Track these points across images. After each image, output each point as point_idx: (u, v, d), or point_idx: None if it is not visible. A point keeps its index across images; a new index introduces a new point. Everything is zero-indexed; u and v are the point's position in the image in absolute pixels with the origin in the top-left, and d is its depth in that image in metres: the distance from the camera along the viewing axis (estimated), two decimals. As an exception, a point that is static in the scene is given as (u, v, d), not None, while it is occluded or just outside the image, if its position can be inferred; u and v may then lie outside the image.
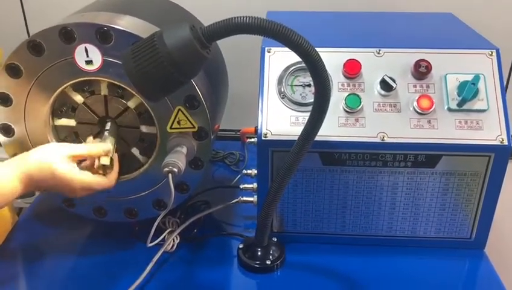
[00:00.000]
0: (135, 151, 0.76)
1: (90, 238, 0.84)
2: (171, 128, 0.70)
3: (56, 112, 0.75)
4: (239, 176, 0.92)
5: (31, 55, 0.68)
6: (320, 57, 0.58)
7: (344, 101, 0.72)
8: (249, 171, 0.84)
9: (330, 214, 0.77)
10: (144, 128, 0.74)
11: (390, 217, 0.77)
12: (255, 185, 0.82)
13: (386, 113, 0.72)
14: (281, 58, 0.75)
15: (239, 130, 1.12)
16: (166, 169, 0.65)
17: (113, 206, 0.78)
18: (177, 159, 0.66)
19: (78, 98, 0.74)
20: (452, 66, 0.73)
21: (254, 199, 0.81)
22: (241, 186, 0.83)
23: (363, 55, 0.74)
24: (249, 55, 0.93)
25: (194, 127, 0.70)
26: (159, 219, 0.70)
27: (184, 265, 0.77)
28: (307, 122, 0.63)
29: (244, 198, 0.82)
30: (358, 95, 0.72)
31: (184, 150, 0.69)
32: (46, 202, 0.81)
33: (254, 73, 0.95)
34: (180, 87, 0.60)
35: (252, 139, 0.88)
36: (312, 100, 0.71)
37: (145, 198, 0.76)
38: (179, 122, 0.70)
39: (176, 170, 0.65)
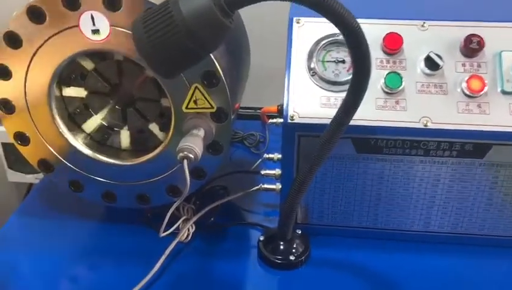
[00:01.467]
0: (154, 127, 0.69)
1: (99, 224, 0.78)
2: (187, 108, 0.63)
3: (64, 80, 0.68)
4: (260, 160, 0.85)
5: (31, 23, 0.61)
6: (361, 30, 0.49)
7: (383, 80, 0.63)
8: (270, 156, 0.77)
9: (362, 206, 0.70)
10: (164, 102, 0.67)
11: (428, 211, 0.69)
12: (277, 171, 0.74)
13: (431, 95, 0.63)
14: (311, 30, 0.67)
15: (259, 108, 1.04)
16: (181, 155, 0.58)
17: (123, 191, 0.71)
18: (193, 144, 0.59)
19: (88, 64, 0.67)
20: (508, 42, 0.64)
21: (277, 186, 0.73)
22: (263, 172, 0.75)
23: (405, 28, 0.65)
24: (272, 23, 0.84)
25: (212, 108, 0.62)
26: (172, 209, 0.63)
27: (199, 257, 0.71)
28: (341, 104, 0.55)
29: (266, 185, 0.75)
30: (399, 74, 0.63)
31: (201, 132, 0.62)
32: (52, 183, 0.75)
33: (277, 45, 0.86)
34: (197, 62, 0.52)
35: (275, 120, 0.81)
36: (346, 78, 0.64)
37: (159, 183, 0.69)
38: (195, 102, 0.62)
39: (191, 156, 0.58)
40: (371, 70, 0.53)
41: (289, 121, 0.64)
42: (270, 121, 0.81)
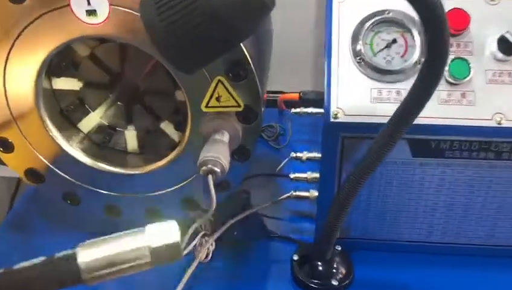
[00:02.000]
0: (167, 126, 0.58)
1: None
2: (207, 106, 0.51)
3: (53, 70, 0.56)
4: (286, 160, 0.73)
5: (7, 2, 0.48)
6: (442, 5, 0.38)
7: (447, 68, 0.52)
8: (298, 155, 0.65)
9: (415, 217, 0.59)
10: (180, 96, 0.55)
11: (494, 222, 0.58)
12: (309, 173, 0.63)
13: (504, 86, 0.52)
14: (355, 6, 0.55)
15: (275, 92, 0.92)
16: (204, 168, 0.46)
17: (129, 204, 0.60)
18: (219, 154, 0.47)
19: (82, 49, 0.55)
20: None
21: (311, 193, 0.62)
22: (292, 175, 0.64)
23: (472, 3, 0.53)
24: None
25: (239, 106, 0.51)
26: (190, 231, 0.52)
27: (221, 279, 0.60)
28: (406, 99, 0.45)
29: (298, 193, 0.63)
30: (466, 60, 0.52)
31: (226, 137, 0.50)
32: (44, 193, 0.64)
33: (298, 17, 0.74)
34: (226, 53, 0.40)
35: (298, 110, 0.70)
36: (401, 66, 0.52)
37: (172, 195, 0.58)
38: (218, 99, 0.50)
39: (217, 169, 0.46)
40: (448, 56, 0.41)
41: (332, 119, 0.52)
42: (293, 111, 0.70)
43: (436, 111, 0.52)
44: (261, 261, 0.62)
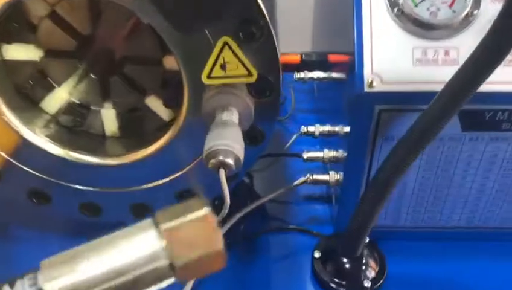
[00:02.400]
0: (153, 102, 0.47)
1: (78, 239, 0.55)
2: (209, 77, 0.39)
3: (3, 35, 0.44)
4: (295, 136, 0.62)
5: None
6: None
7: (508, 20, 0.41)
8: (310, 129, 0.55)
9: (456, 202, 0.50)
10: (169, 63, 0.44)
11: (548, 203, 0.50)
12: (326, 152, 0.53)
13: None
14: None
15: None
16: (213, 161, 0.35)
17: (111, 200, 0.48)
18: (230, 140, 0.36)
19: (39, 7, 0.43)
20: None
21: (331, 177, 0.52)
22: (305, 155, 0.54)
23: None
24: None
25: (250, 75, 0.39)
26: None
27: (229, 283, 0.50)
28: (470, 60, 0.34)
29: (316, 176, 0.53)
30: (531, 9, 0.42)
31: (235, 116, 0.39)
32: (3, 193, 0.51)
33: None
34: (237, 7, 0.29)
35: (302, 75, 0.60)
36: (450, 19, 0.42)
37: (164, 188, 0.47)
38: (223, 67, 0.39)
39: (230, 161, 0.35)
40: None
41: (366, 89, 0.42)
42: (297, 76, 0.61)
43: (493, 75, 0.42)
44: (273, 259, 0.53)
